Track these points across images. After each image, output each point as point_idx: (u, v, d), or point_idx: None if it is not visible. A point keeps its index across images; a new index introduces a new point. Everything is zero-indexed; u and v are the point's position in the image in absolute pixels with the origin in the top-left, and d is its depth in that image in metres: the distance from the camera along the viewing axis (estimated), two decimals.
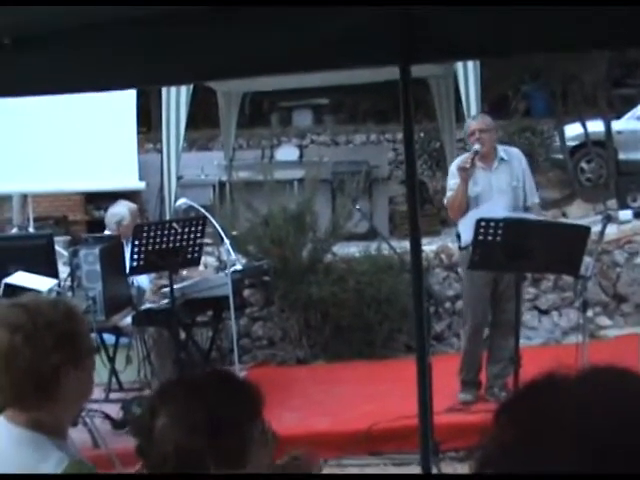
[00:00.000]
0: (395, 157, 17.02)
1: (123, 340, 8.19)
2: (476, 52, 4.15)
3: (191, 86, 11.04)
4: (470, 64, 10.71)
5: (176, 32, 3.41)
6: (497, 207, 7.29)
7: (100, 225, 11.09)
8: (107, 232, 8.64)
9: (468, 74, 10.86)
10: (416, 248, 4.08)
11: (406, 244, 8.99)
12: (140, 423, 2.36)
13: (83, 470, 2.53)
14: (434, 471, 5.35)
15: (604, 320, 10.19)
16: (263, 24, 3.41)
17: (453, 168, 7.68)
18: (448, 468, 6.44)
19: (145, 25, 3.35)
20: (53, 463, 2.48)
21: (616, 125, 15.48)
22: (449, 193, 7.61)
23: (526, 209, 7.58)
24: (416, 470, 5.58)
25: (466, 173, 7.36)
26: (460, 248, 7.65)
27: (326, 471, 6.72)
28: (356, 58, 3.83)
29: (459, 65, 10.81)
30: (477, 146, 7.43)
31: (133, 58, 3.61)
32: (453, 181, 7.56)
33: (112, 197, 11.24)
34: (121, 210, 8.63)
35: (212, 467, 2.28)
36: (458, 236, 7.72)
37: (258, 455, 2.36)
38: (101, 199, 13.72)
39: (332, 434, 6.98)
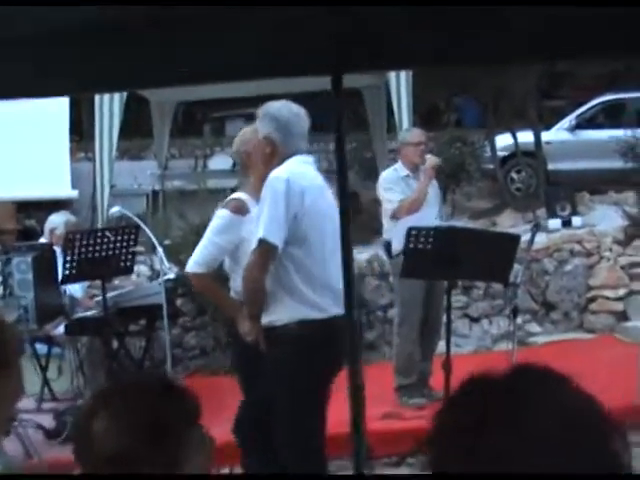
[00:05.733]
0: (328, 166, 17.07)
1: (55, 350, 8.13)
2: (412, 61, 4.20)
3: (124, 95, 11.02)
4: (403, 75, 10.82)
5: (110, 38, 3.42)
6: (427, 217, 7.42)
7: (31, 234, 11.02)
8: (42, 240, 8.61)
9: (400, 85, 10.96)
10: (347, 259, 4.11)
11: None
12: (77, 425, 2.36)
13: (14, 475, 2.54)
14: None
15: (534, 327, 10.35)
16: (198, 31, 3.43)
17: (385, 183, 7.81)
18: (380, 473, 6.49)
19: (79, 30, 3.34)
20: None
21: (545, 136, 15.70)
22: (389, 205, 7.70)
23: None
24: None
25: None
26: (391, 257, 7.74)
27: None
28: (290, 68, 3.87)
29: (391, 76, 10.90)
30: (437, 159, 7.70)
31: (66, 65, 3.60)
32: (390, 195, 7.69)
33: (44, 206, 11.17)
34: (57, 219, 8.61)
35: (149, 471, 2.29)
36: (386, 246, 7.82)
37: (195, 461, 2.37)
38: (33, 208, 13.58)
39: None
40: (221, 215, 5.48)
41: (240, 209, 5.31)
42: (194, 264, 5.42)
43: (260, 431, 5.17)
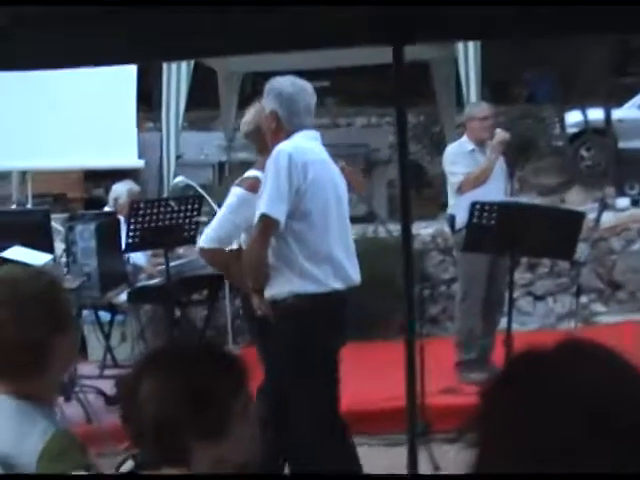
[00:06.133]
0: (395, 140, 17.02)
1: (118, 317, 8.21)
2: (475, 32, 4.15)
3: (191, 65, 11.05)
4: (471, 48, 10.71)
5: (176, 8, 3.41)
6: (492, 191, 7.35)
7: (98, 203, 11.11)
8: (107, 209, 8.68)
9: (469, 58, 10.85)
10: (407, 232, 4.10)
11: None
12: (124, 388, 2.37)
13: (65, 440, 2.55)
14: (422, 452, 5.38)
15: (599, 307, 10.21)
16: (264, 3, 3.41)
17: (451, 157, 7.74)
18: (438, 449, 6.46)
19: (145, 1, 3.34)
20: (39, 432, 2.51)
21: (617, 113, 15.47)
22: (454, 178, 7.63)
23: None
24: (403, 450, 5.60)
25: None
26: (453, 231, 7.68)
27: None
28: (352, 38, 3.84)
29: (460, 49, 10.80)
30: (506, 134, 7.58)
31: (132, 34, 3.61)
32: (455, 168, 7.62)
33: (111, 175, 11.25)
34: (120, 188, 8.69)
35: (191, 439, 2.29)
36: (450, 220, 7.76)
37: (241, 428, 2.36)
38: (100, 177, 13.72)
39: None
40: (236, 193, 5.48)
41: (254, 187, 5.26)
42: (208, 239, 5.43)
43: (274, 405, 5.16)
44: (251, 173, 5.58)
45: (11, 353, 2.54)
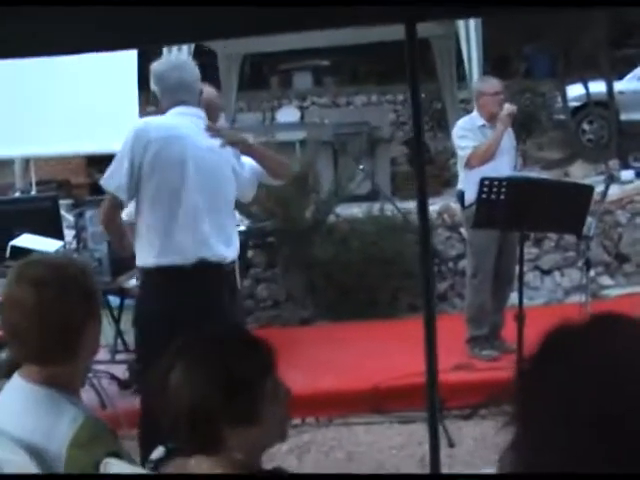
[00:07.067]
0: (396, 118, 17.01)
1: (128, 301, 8.21)
2: (482, 10, 4.13)
3: (192, 48, 11.02)
4: (472, 24, 10.67)
5: None
6: (501, 166, 7.36)
7: (102, 188, 11.09)
8: None
9: (470, 34, 10.81)
10: (423, 208, 4.08)
11: (408, 205, 9.06)
12: (155, 377, 2.38)
13: (97, 427, 2.57)
14: (439, 429, 5.39)
15: (606, 280, 10.23)
16: None
17: (461, 131, 7.72)
18: (452, 426, 6.49)
19: None
20: (68, 419, 2.52)
21: (618, 86, 15.45)
22: (463, 152, 7.61)
23: None
24: (421, 428, 5.62)
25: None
26: (463, 207, 7.67)
27: (332, 429, 6.80)
28: (361, 16, 3.81)
29: (461, 25, 10.77)
30: (514, 107, 7.62)
31: (133, 18, 3.59)
32: (465, 143, 7.61)
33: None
34: None
35: (225, 426, 2.30)
36: (459, 196, 7.75)
37: (271, 411, 2.38)
38: (103, 162, 13.62)
39: (337, 393, 7.03)
40: None
41: None
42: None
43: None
44: None
45: (50, 336, 2.54)
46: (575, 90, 15.63)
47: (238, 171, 5.20)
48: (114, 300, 8.11)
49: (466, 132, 7.65)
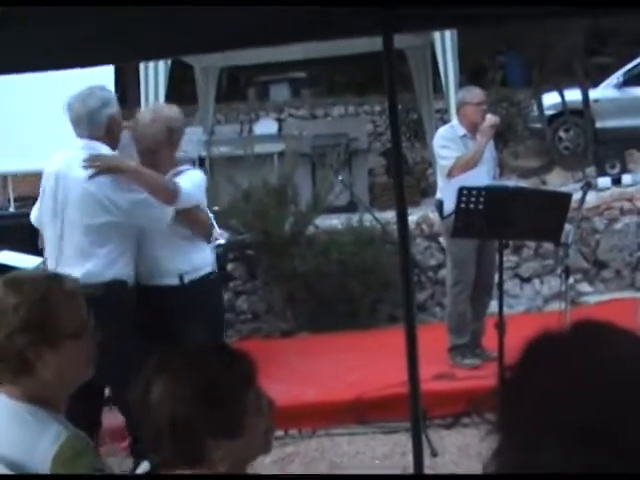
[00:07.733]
0: (374, 129, 17.02)
1: None
2: (459, 20, 4.15)
3: (169, 62, 11.01)
4: (447, 34, 10.70)
5: (154, 7, 3.39)
6: (480, 176, 7.37)
7: None
8: None
9: (446, 45, 10.85)
10: (402, 218, 4.09)
11: (386, 215, 9.08)
12: (135, 393, 2.37)
13: (81, 445, 2.56)
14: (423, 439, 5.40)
15: (585, 287, 10.27)
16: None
17: (442, 141, 7.74)
18: (435, 435, 6.50)
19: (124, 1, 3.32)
20: (52, 436, 2.50)
21: (593, 94, 15.53)
22: (445, 162, 7.63)
23: None
24: (404, 438, 5.63)
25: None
26: (442, 217, 7.69)
27: (315, 440, 6.79)
28: (338, 29, 3.83)
29: (436, 36, 10.80)
30: (496, 118, 7.65)
31: (112, 34, 3.59)
32: (446, 152, 7.63)
33: None
34: None
35: (208, 438, 2.30)
36: (438, 206, 7.77)
37: (254, 423, 2.37)
38: None
39: (319, 404, 7.03)
40: None
41: None
42: None
43: None
44: None
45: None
46: (551, 98, 15.70)
47: (115, 198, 5.41)
48: None
49: (448, 142, 7.67)
